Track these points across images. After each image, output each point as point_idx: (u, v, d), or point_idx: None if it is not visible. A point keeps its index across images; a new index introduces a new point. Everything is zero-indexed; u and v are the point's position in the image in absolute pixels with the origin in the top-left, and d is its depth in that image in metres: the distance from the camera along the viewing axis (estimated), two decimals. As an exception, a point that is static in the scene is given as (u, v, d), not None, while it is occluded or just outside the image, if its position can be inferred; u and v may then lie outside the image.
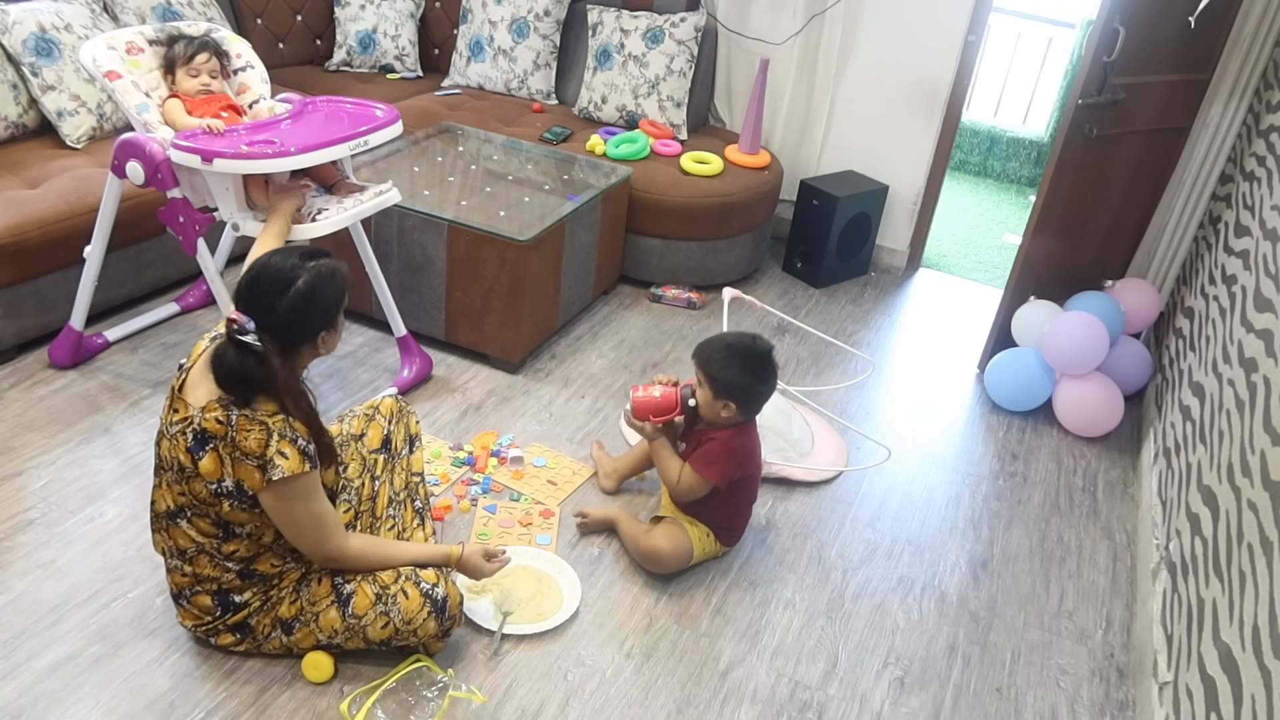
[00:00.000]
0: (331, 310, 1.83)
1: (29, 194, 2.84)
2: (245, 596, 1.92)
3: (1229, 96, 3.19)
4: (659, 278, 3.71)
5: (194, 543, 1.85)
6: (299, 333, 1.79)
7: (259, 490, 1.75)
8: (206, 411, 1.73)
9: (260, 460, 1.73)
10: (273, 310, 1.74)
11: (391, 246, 3.06)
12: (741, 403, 2.26)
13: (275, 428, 1.74)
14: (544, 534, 2.46)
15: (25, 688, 1.91)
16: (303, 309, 1.76)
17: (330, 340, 1.87)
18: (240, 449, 1.72)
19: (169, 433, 1.78)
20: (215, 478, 1.75)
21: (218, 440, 1.73)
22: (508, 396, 3.00)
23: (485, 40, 4.12)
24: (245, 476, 1.74)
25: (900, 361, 3.53)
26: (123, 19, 3.39)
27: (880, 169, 4.02)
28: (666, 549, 2.32)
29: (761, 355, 2.26)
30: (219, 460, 1.74)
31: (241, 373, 1.72)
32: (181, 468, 1.77)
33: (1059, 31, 5.57)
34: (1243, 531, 1.91)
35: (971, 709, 2.16)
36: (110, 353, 2.95)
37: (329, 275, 1.82)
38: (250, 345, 1.72)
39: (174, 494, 1.81)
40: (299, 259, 1.80)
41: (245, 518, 1.82)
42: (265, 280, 1.77)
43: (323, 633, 1.95)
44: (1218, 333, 2.64)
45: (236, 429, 1.72)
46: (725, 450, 2.27)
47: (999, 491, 2.89)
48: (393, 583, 1.95)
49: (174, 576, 1.93)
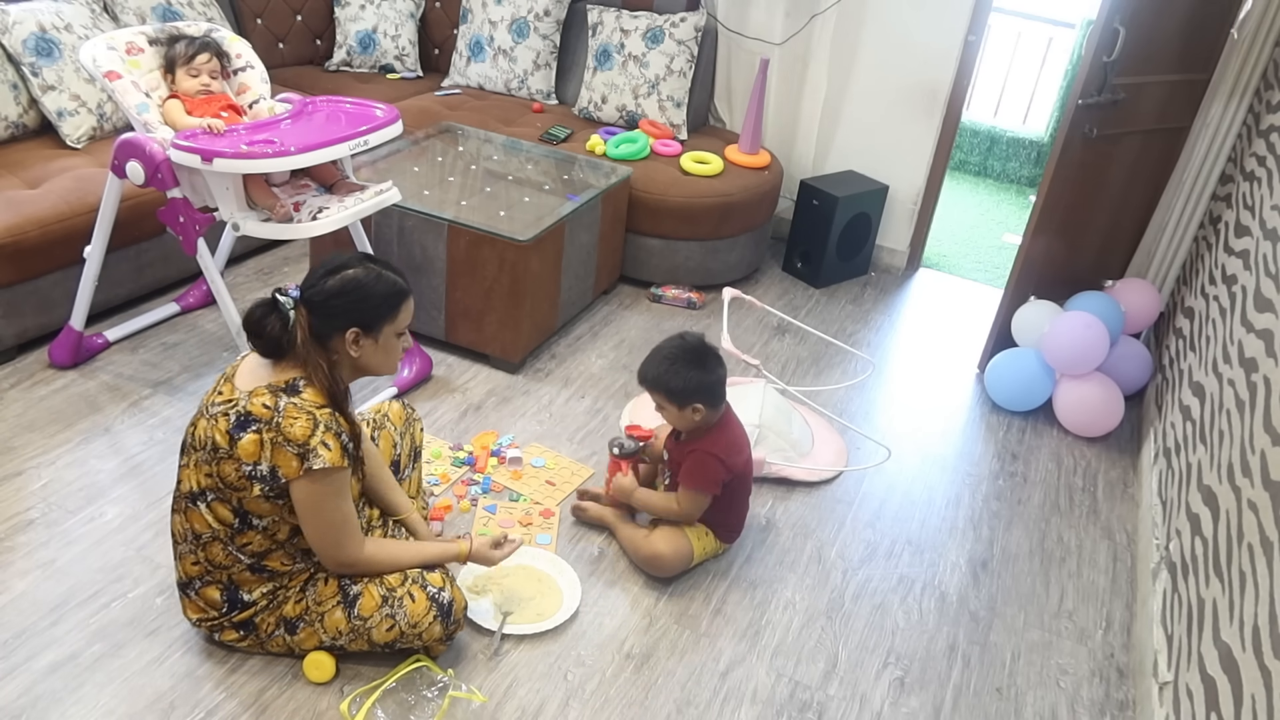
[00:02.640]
0: (372, 313, 1.85)
1: (29, 194, 2.84)
2: (254, 595, 1.92)
3: (1229, 96, 3.19)
4: (659, 278, 3.72)
5: (210, 528, 1.85)
6: (331, 316, 1.82)
7: (293, 478, 1.76)
8: (254, 396, 1.77)
9: (302, 448, 1.74)
10: (317, 285, 1.81)
11: (391, 246, 3.06)
12: (705, 399, 2.27)
13: (322, 419, 1.77)
14: (544, 534, 2.46)
15: (25, 688, 1.91)
16: (342, 293, 1.81)
17: (365, 347, 1.86)
18: (284, 434, 1.74)
19: (209, 412, 1.81)
20: (252, 460, 1.75)
21: (261, 424, 1.75)
22: (508, 396, 3.00)
23: (485, 40, 4.12)
24: (282, 463, 1.75)
25: (900, 361, 3.53)
26: (123, 19, 3.39)
27: (880, 169, 4.02)
28: (666, 552, 2.32)
29: (697, 348, 2.28)
30: (259, 443, 1.75)
31: (260, 325, 1.79)
32: (215, 448, 1.78)
33: (1059, 31, 5.57)
34: (1243, 531, 1.91)
35: (971, 709, 2.16)
36: (110, 353, 2.95)
37: (384, 282, 1.86)
38: (280, 304, 1.79)
39: (201, 475, 1.82)
40: (370, 260, 1.87)
41: (267, 509, 1.82)
42: (328, 261, 1.86)
43: (327, 633, 1.95)
44: (1218, 333, 2.64)
45: (283, 415, 1.75)
46: (708, 458, 2.28)
47: (999, 491, 2.89)
48: (399, 585, 1.95)
49: (185, 563, 1.92)
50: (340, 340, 1.84)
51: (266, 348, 1.82)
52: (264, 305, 1.81)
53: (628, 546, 2.40)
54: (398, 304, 1.89)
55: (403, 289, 1.90)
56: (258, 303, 1.82)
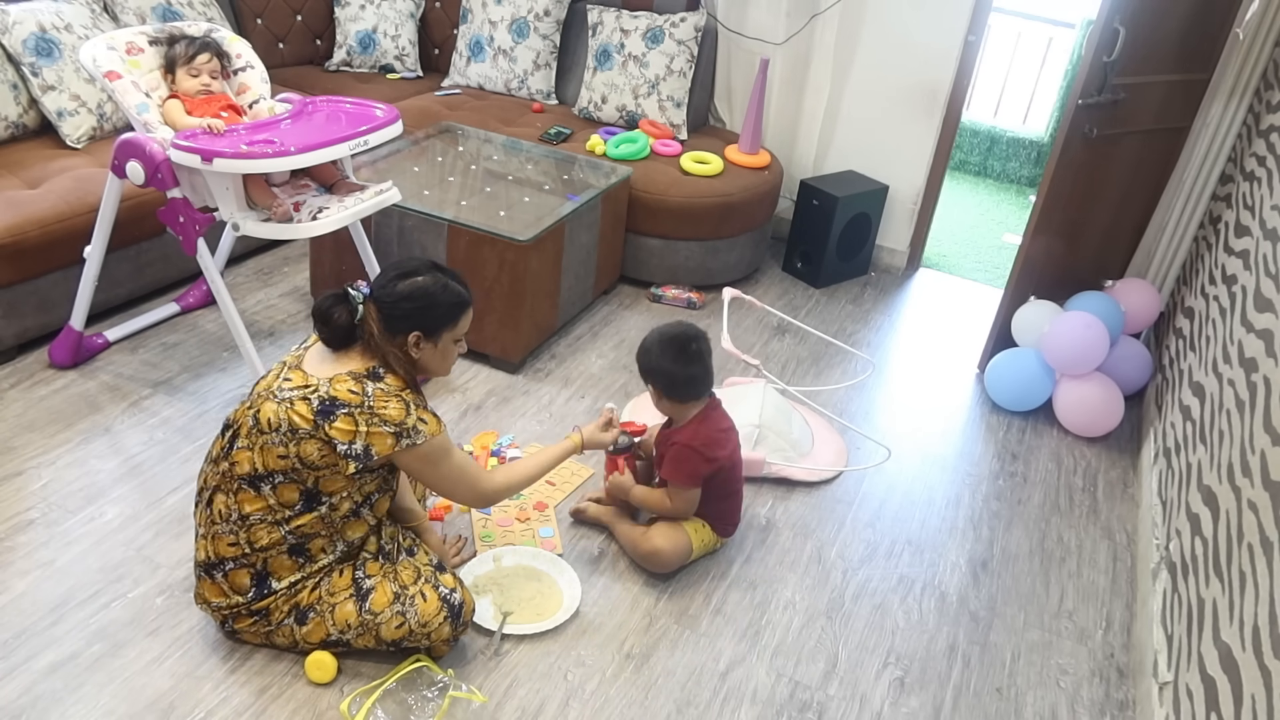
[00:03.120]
0: (434, 320, 1.92)
1: (29, 194, 2.84)
2: (282, 583, 1.93)
3: (1229, 96, 3.19)
4: (659, 278, 3.72)
5: (264, 508, 1.88)
6: (397, 318, 1.90)
7: (392, 453, 1.85)
8: (336, 382, 1.84)
9: (399, 427, 1.84)
10: (387, 287, 1.91)
11: (391, 246, 3.06)
12: (664, 386, 2.27)
13: (409, 399, 1.89)
14: (546, 526, 2.46)
15: (25, 688, 1.91)
16: (409, 298, 1.90)
17: (425, 350, 1.94)
18: (379, 416, 1.84)
19: (279, 396, 1.85)
20: (348, 439, 1.82)
21: (353, 408, 1.83)
22: (508, 396, 3.00)
23: (485, 40, 4.12)
24: (376, 442, 1.84)
25: (900, 361, 3.53)
26: (123, 19, 3.39)
27: (880, 169, 4.02)
28: (665, 548, 2.32)
29: (680, 338, 2.26)
30: (354, 423, 1.82)
31: (327, 315, 1.88)
32: (294, 429, 1.82)
33: (1059, 31, 5.57)
34: (1243, 531, 1.91)
35: (971, 709, 2.16)
36: (110, 353, 2.95)
37: (450, 292, 1.94)
38: (351, 297, 1.89)
39: (270, 456, 1.84)
40: (437, 268, 1.96)
41: (341, 485, 1.88)
42: (400, 265, 1.95)
43: (335, 626, 1.95)
44: (1218, 333, 2.64)
45: (374, 399, 1.84)
46: (684, 450, 2.28)
47: (999, 491, 2.89)
48: (412, 584, 1.97)
49: (219, 544, 1.91)
50: (403, 340, 1.91)
51: (332, 335, 1.91)
52: (333, 296, 1.90)
53: (626, 544, 2.40)
54: (460, 314, 1.97)
55: (466, 300, 1.98)
56: (327, 293, 1.91)
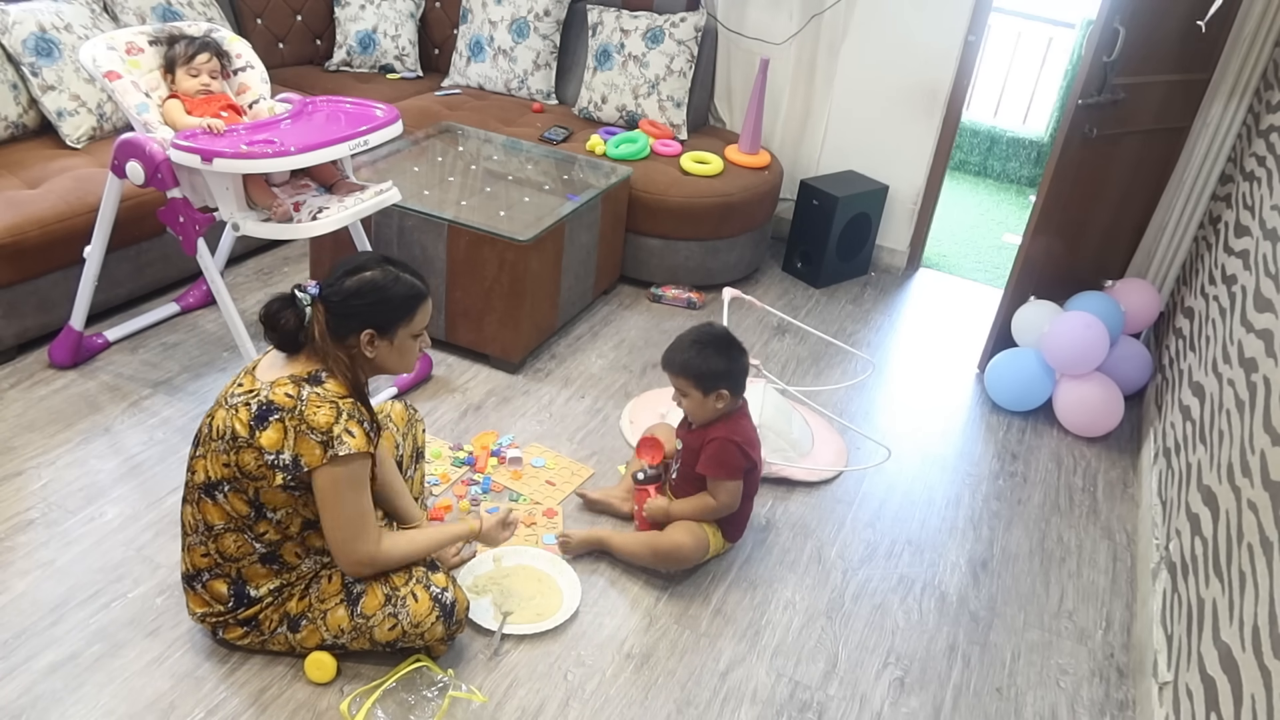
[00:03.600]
0: (388, 316, 1.86)
1: (29, 194, 2.84)
2: (261, 590, 1.92)
3: (1229, 96, 3.19)
4: (659, 278, 3.72)
5: (226, 518, 1.86)
6: (347, 316, 1.84)
7: (316, 467, 1.77)
8: (276, 386, 1.80)
9: (325, 436, 1.77)
10: (335, 284, 1.85)
11: (391, 247, 3.06)
12: (730, 386, 2.29)
13: (345, 408, 1.80)
14: (550, 534, 2.46)
15: (25, 688, 1.91)
16: (359, 294, 1.83)
17: (381, 348, 1.88)
18: (307, 422, 1.76)
19: (229, 402, 1.83)
20: (275, 449, 1.77)
21: (284, 412, 1.77)
22: (508, 396, 3.00)
23: (485, 40, 4.12)
24: (305, 451, 1.77)
25: (900, 361, 3.53)
26: (123, 19, 3.39)
27: (880, 169, 4.02)
28: (688, 542, 2.31)
29: (723, 336, 2.31)
30: (283, 431, 1.77)
31: (276, 318, 1.82)
32: (235, 437, 1.79)
33: (1059, 31, 5.57)
34: (1243, 531, 1.91)
35: (971, 709, 2.16)
36: (110, 353, 2.95)
37: (402, 285, 1.87)
38: (298, 300, 1.83)
39: (218, 465, 1.83)
40: (389, 262, 1.89)
41: (283, 500, 1.83)
42: (347, 261, 1.89)
43: (329, 631, 1.95)
44: (1218, 333, 2.64)
45: (306, 403, 1.78)
46: (729, 444, 2.28)
47: (999, 491, 2.89)
48: (403, 585, 1.95)
49: (194, 555, 1.92)
50: (355, 340, 1.86)
51: (281, 341, 1.85)
52: (281, 299, 1.84)
53: (639, 547, 2.36)
54: (414, 307, 1.90)
55: (420, 292, 1.91)
56: (275, 297, 1.85)
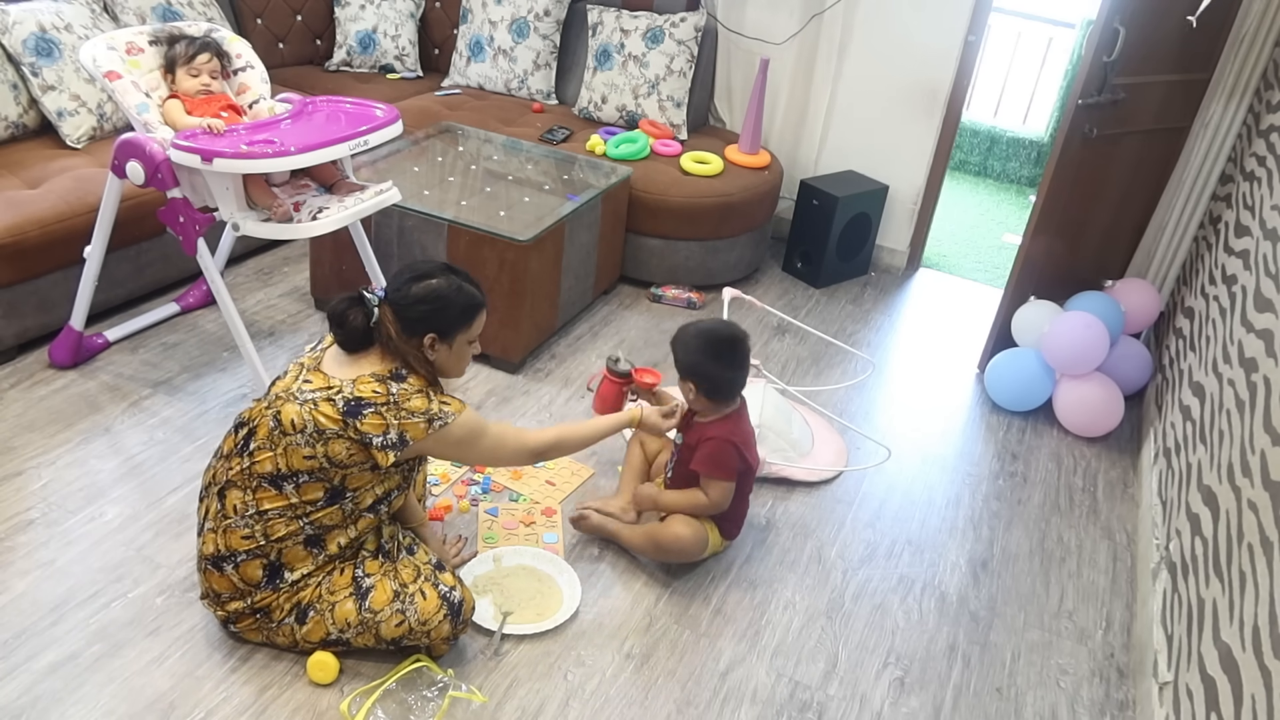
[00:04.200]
0: (449, 322, 1.94)
1: (29, 194, 2.84)
2: (296, 575, 1.93)
3: (1229, 96, 3.19)
4: (659, 278, 3.72)
5: (284, 505, 1.89)
6: (412, 321, 1.91)
7: (426, 438, 1.88)
8: (360, 383, 1.87)
9: (426, 414, 1.88)
10: (402, 289, 1.92)
11: (391, 247, 3.06)
12: (705, 386, 2.26)
13: (432, 393, 1.93)
14: (550, 532, 2.46)
15: (25, 688, 1.91)
16: (424, 300, 1.91)
17: (441, 352, 1.95)
18: (405, 409, 1.87)
19: (301, 398, 1.87)
20: (380, 431, 1.86)
21: (379, 406, 1.86)
22: (508, 396, 3.00)
23: (485, 40, 4.12)
24: (410, 429, 1.87)
25: (900, 361, 3.53)
26: (123, 19, 3.39)
27: (880, 169, 4.02)
28: (687, 534, 2.31)
29: (725, 338, 2.27)
30: (383, 419, 1.86)
31: (343, 317, 1.90)
32: (319, 430, 1.84)
33: (1059, 31, 5.57)
34: (1243, 531, 1.91)
35: (971, 709, 2.16)
36: (110, 353, 2.95)
37: (464, 294, 1.95)
38: (366, 300, 1.91)
39: (295, 457, 1.86)
40: (450, 270, 1.97)
41: (368, 479, 1.91)
42: (413, 267, 1.97)
43: (335, 625, 1.95)
44: (1218, 333, 2.64)
45: (399, 397, 1.88)
46: (725, 444, 2.28)
47: (999, 491, 2.89)
48: (412, 582, 1.97)
49: (232, 537, 1.91)
50: (418, 342, 1.93)
51: (348, 338, 1.93)
52: (348, 299, 1.92)
53: (643, 540, 2.37)
54: (474, 315, 1.98)
55: (480, 302, 1.99)
56: (342, 296, 1.93)
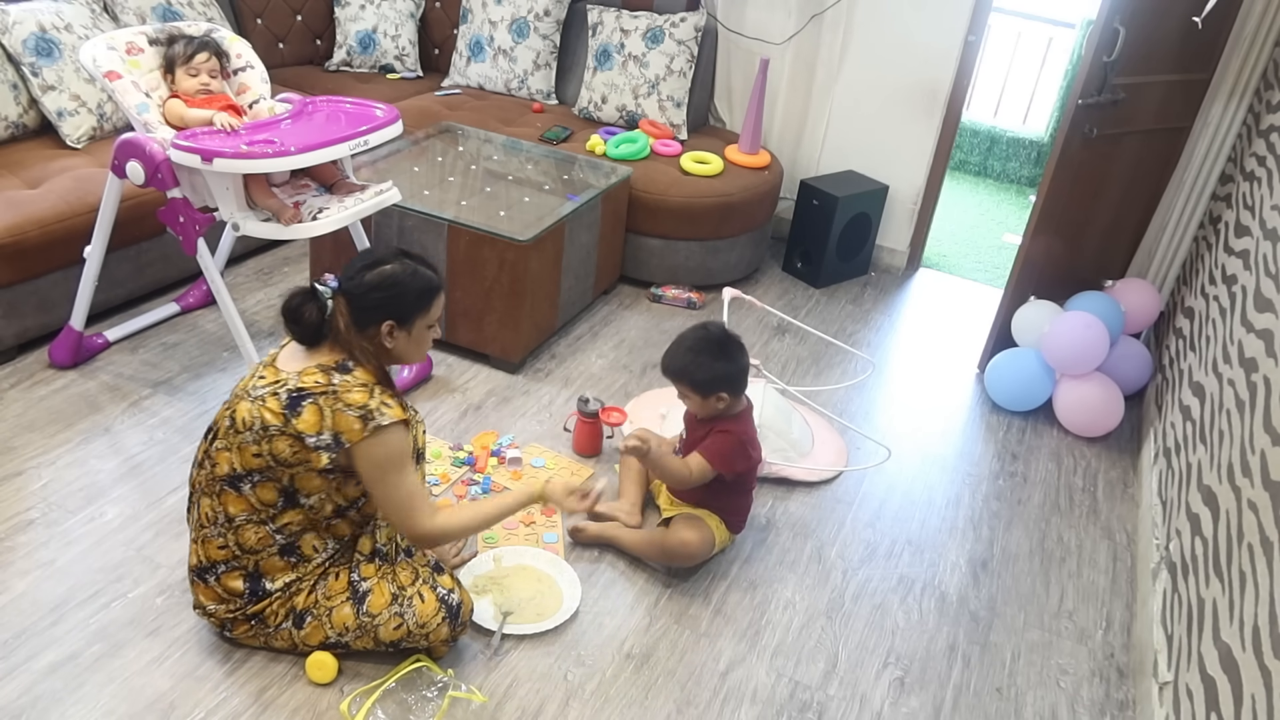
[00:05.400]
0: (406, 307, 1.90)
1: (29, 194, 2.84)
2: (276, 584, 1.93)
3: (1229, 96, 3.19)
4: (659, 278, 3.72)
5: (249, 509, 1.87)
6: (368, 309, 1.87)
7: (357, 441, 1.80)
8: (304, 375, 1.84)
9: (363, 410, 1.81)
10: (356, 278, 1.88)
11: (391, 247, 3.05)
12: (729, 388, 2.29)
13: (375, 389, 1.86)
14: (550, 532, 2.46)
15: (25, 688, 1.91)
16: (379, 287, 1.87)
17: (399, 339, 1.91)
18: (343, 400, 1.81)
19: (253, 394, 1.85)
20: (314, 430, 1.80)
21: (318, 395, 1.81)
22: (508, 396, 3.00)
23: (485, 40, 4.12)
24: (344, 427, 1.80)
25: (900, 361, 3.53)
26: (123, 19, 3.39)
27: (880, 169, 4.02)
28: (695, 539, 2.31)
29: (720, 338, 2.30)
30: (319, 413, 1.81)
31: (297, 312, 1.86)
32: (265, 426, 1.81)
33: (1059, 31, 5.57)
34: (1243, 531, 1.91)
35: (971, 709, 2.16)
36: (110, 353, 2.95)
37: (420, 278, 1.91)
38: (319, 293, 1.87)
39: (246, 455, 1.84)
40: (404, 255, 1.93)
41: (318, 485, 1.86)
42: (367, 254, 1.93)
43: (333, 629, 1.95)
44: (1218, 333, 2.64)
45: (339, 386, 1.82)
46: (734, 439, 2.29)
47: (999, 491, 2.89)
48: (410, 585, 1.97)
49: (209, 548, 1.91)
50: (376, 331, 1.89)
51: (303, 334, 1.88)
52: (303, 293, 1.88)
53: (647, 545, 2.37)
54: (431, 298, 1.95)
55: (436, 285, 1.96)
56: (296, 290, 1.88)
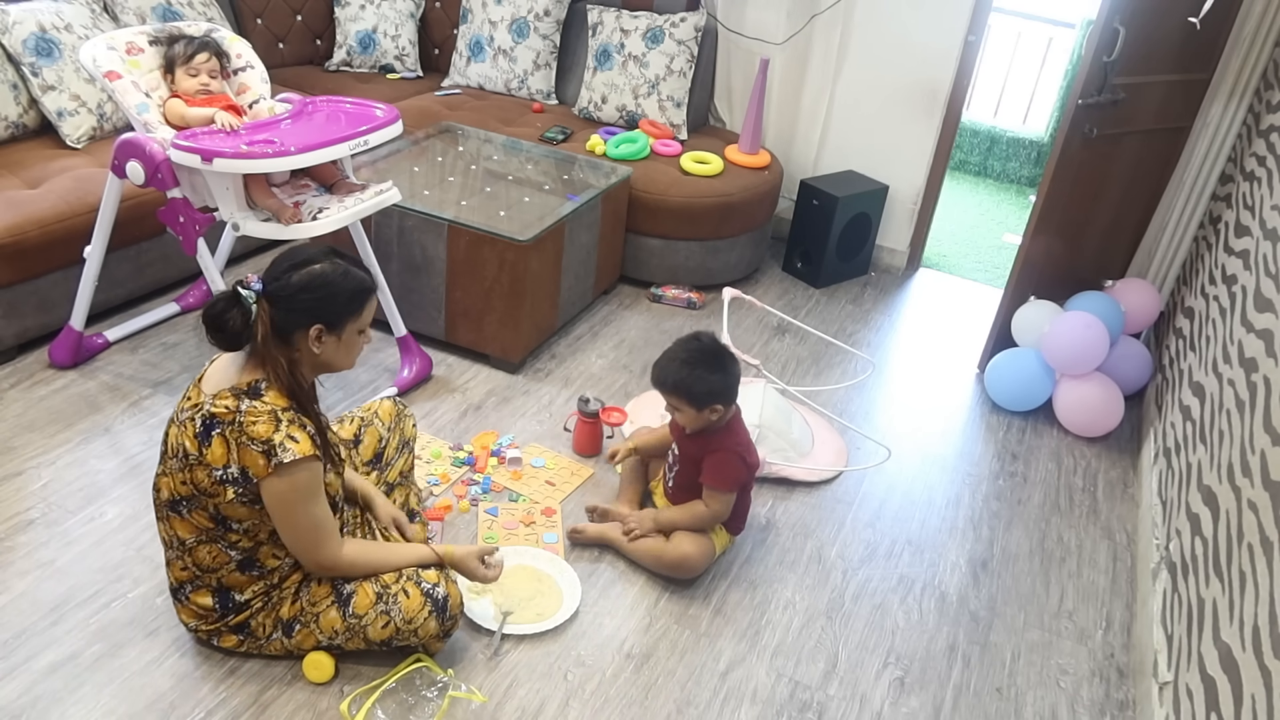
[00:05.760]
0: (337, 310, 1.81)
1: (29, 194, 2.84)
2: (246, 595, 1.92)
3: (1229, 96, 3.19)
4: (659, 278, 3.71)
5: (195, 531, 1.84)
6: (296, 312, 1.77)
7: (263, 477, 1.73)
8: (217, 399, 1.74)
9: (266, 445, 1.71)
10: (280, 279, 1.77)
11: (391, 247, 3.06)
12: (723, 400, 2.29)
13: (285, 418, 1.75)
14: (550, 532, 2.46)
15: (25, 688, 1.91)
16: (308, 289, 1.77)
17: (328, 344, 1.82)
18: (247, 434, 1.71)
19: (179, 418, 1.79)
20: (221, 464, 1.73)
21: (225, 425, 1.72)
22: (508, 396, 3.00)
23: (485, 40, 4.12)
24: (250, 463, 1.72)
25: (900, 361, 3.53)
26: (123, 19, 3.39)
27: (880, 169, 4.02)
28: (694, 552, 2.31)
29: (712, 349, 2.30)
30: (225, 445, 1.73)
31: (220, 319, 1.74)
32: (186, 454, 1.76)
33: (1059, 31, 5.57)
34: (1243, 531, 1.91)
35: (971, 709, 2.16)
36: (110, 353, 2.95)
37: (351, 279, 1.82)
38: (242, 299, 1.74)
39: (177, 482, 1.80)
40: (335, 254, 1.82)
41: (244, 513, 1.80)
42: (292, 254, 1.80)
43: (323, 633, 1.95)
44: (1218, 333, 2.64)
45: (245, 415, 1.72)
46: (733, 457, 2.30)
47: (999, 491, 2.89)
48: (394, 582, 1.95)
49: (174, 569, 1.92)
50: (303, 336, 1.79)
51: (226, 342, 1.77)
52: (225, 298, 1.75)
53: (647, 557, 2.36)
54: (363, 301, 1.85)
55: (368, 286, 1.86)
56: (218, 295, 1.76)
